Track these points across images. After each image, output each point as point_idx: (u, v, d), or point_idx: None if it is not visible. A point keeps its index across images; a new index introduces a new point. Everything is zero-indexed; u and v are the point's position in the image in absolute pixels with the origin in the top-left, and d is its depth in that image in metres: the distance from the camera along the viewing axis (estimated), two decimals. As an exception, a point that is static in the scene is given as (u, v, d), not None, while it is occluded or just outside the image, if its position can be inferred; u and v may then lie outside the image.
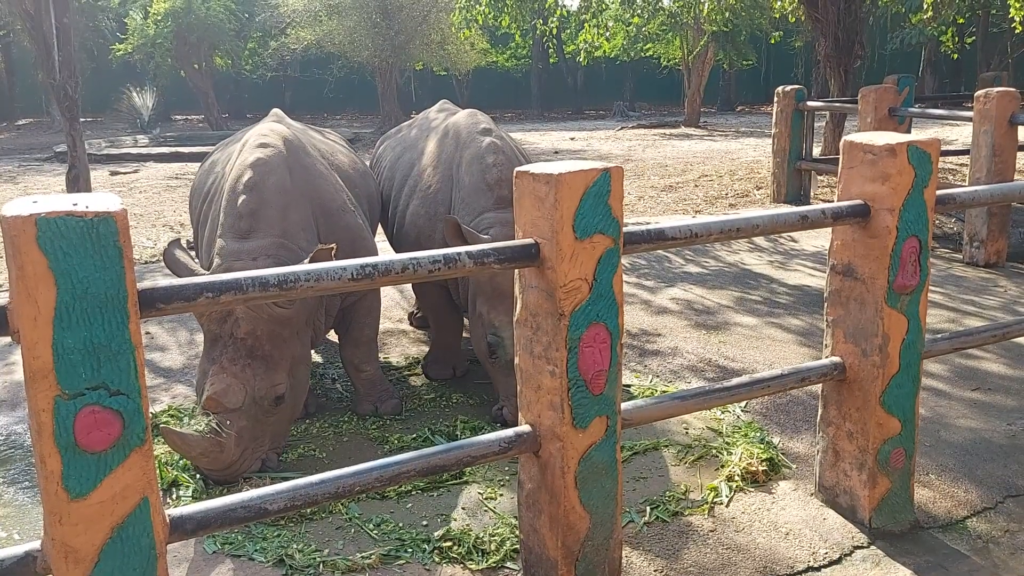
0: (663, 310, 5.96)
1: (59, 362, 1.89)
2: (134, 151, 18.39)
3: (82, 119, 9.79)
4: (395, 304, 6.03)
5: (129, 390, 1.96)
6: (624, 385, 4.61)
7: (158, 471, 3.47)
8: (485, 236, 4.01)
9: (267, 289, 2.16)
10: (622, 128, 21.92)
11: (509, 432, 2.70)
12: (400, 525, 3.30)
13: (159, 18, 22.90)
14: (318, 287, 2.24)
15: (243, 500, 2.28)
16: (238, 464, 3.57)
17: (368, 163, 5.48)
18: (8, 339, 5.10)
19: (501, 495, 3.51)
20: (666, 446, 3.89)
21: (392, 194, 4.91)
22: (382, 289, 6.14)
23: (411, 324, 5.67)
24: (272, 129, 4.27)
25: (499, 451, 2.65)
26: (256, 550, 3.14)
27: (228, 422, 3.51)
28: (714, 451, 3.81)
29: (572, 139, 19.82)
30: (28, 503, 3.55)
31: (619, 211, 2.59)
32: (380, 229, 5.20)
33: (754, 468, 3.58)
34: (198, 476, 3.63)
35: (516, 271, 2.66)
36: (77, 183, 9.38)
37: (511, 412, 3.89)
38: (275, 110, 4.91)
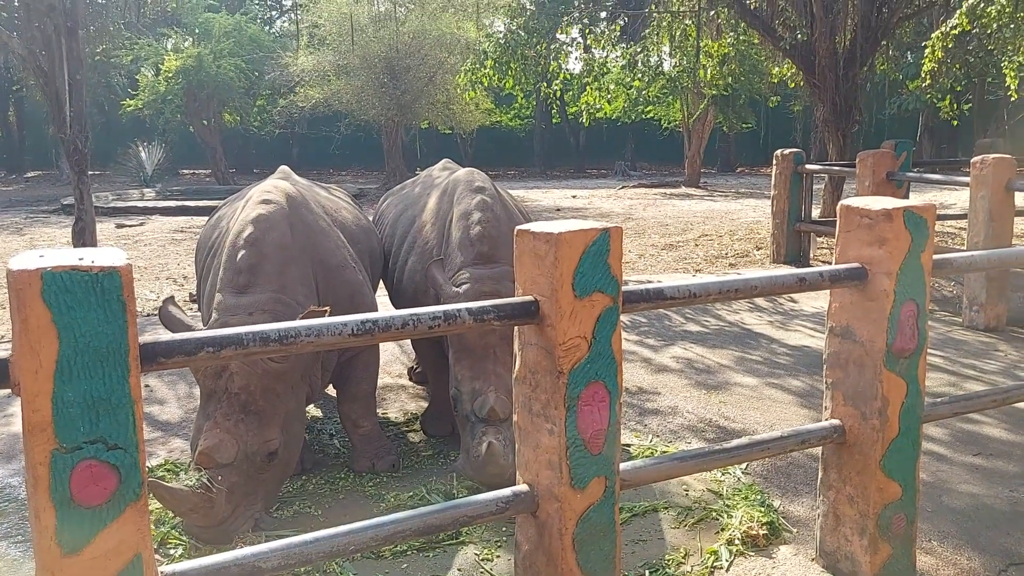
0: (663, 368, 5.95)
1: (58, 416, 1.90)
2: (140, 204, 18.57)
3: (90, 172, 9.91)
4: (395, 359, 6.03)
5: (127, 444, 1.96)
6: (623, 445, 4.57)
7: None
8: (456, 289, 4.13)
9: (268, 344, 2.17)
10: (623, 187, 22.16)
11: (507, 492, 2.68)
12: (395, 586, 3.26)
13: (170, 75, 23.35)
14: (319, 342, 2.25)
15: (236, 558, 2.26)
16: (229, 522, 3.53)
17: (372, 218, 5.55)
18: (4, 391, 5.06)
19: (498, 556, 3.47)
20: (666, 508, 3.85)
21: (393, 249, 4.97)
22: (382, 344, 6.14)
23: (410, 379, 5.66)
24: (276, 186, 4.34)
25: (496, 511, 2.63)
26: (248, 610, 3.08)
27: (220, 477, 3.48)
28: (714, 514, 3.77)
29: (574, 197, 20.02)
30: (21, 557, 3.51)
31: (618, 270, 2.61)
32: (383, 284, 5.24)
33: (754, 532, 3.54)
34: (189, 537, 3.59)
35: (516, 328, 2.68)
36: (83, 236, 9.46)
37: (462, 464, 4.01)
38: (283, 167, 5.00)
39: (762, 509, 3.73)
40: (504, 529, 3.62)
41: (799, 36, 11.33)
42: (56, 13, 9.12)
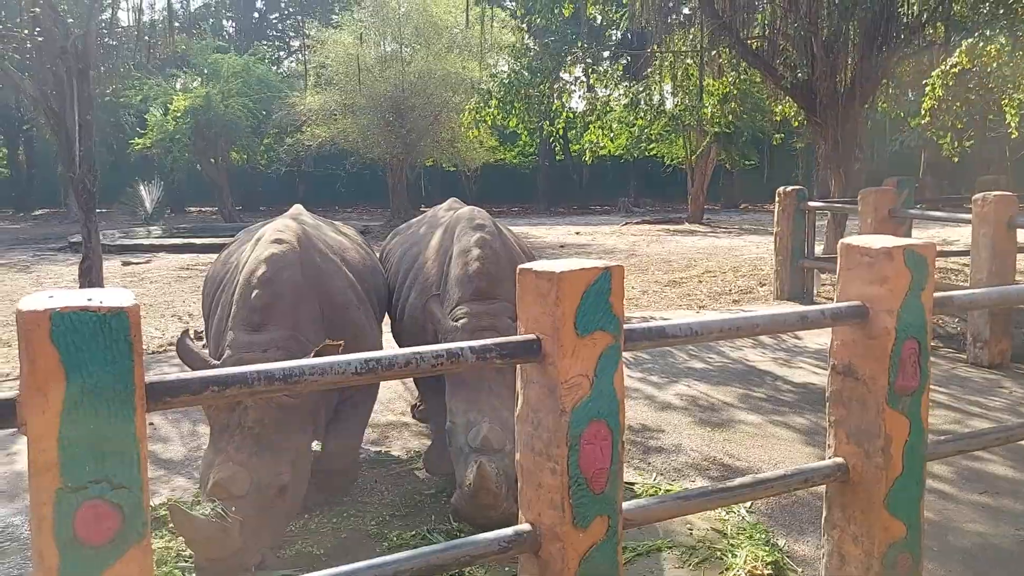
0: (667, 406, 5.94)
1: (64, 455, 1.91)
2: (147, 242, 18.70)
3: (97, 210, 10.00)
4: (398, 396, 6.03)
5: (132, 484, 1.97)
6: (627, 483, 4.56)
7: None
8: (454, 324, 4.18)
9: (272, 383, 2.19)
10: (626, 224, 22.26)
11: (509, 531, 2.67)
12: (397, 626, 3.23)
13: (179, 114, 23.65)
14: (323, 381, 2.27)
15: (239, 598, 2.26)
16: (240, 555, 3.52)
17: (378, 255, 5.61)
18: (11, 430, 5.07)
19: (501, 596, 3.45)
20: (670, 547, 3.83)
21: (396, 286, 5.02)
22: (388, 383, 6.15)
23: (413, 416, 5.67)
24: (287, 225, 4.41)
25: (499, 550, 2.62)
26: (249, 651, 3.07)
27: (233, 509, 3.48)
28: (718, 553, 3.75)
29: (577, 233, 20.11)
30: (20, 598, 3.49)
31: (620, 309, 2.63)
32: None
33: (759, 571, 3.52)
34: (191, 575, 3.58)
35: (518, 367, 2.70)
36: (90, 274, 9.52)
37: (456, 499, 3.99)
38: (297, 205, 5.11)
39: (767, 548, 3.71)
40: (507, 568, 3.60)
41: (799, 75, 11.47)
42: (68, 56, 9.27)
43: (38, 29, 9.82)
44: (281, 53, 35.75)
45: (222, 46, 27.46)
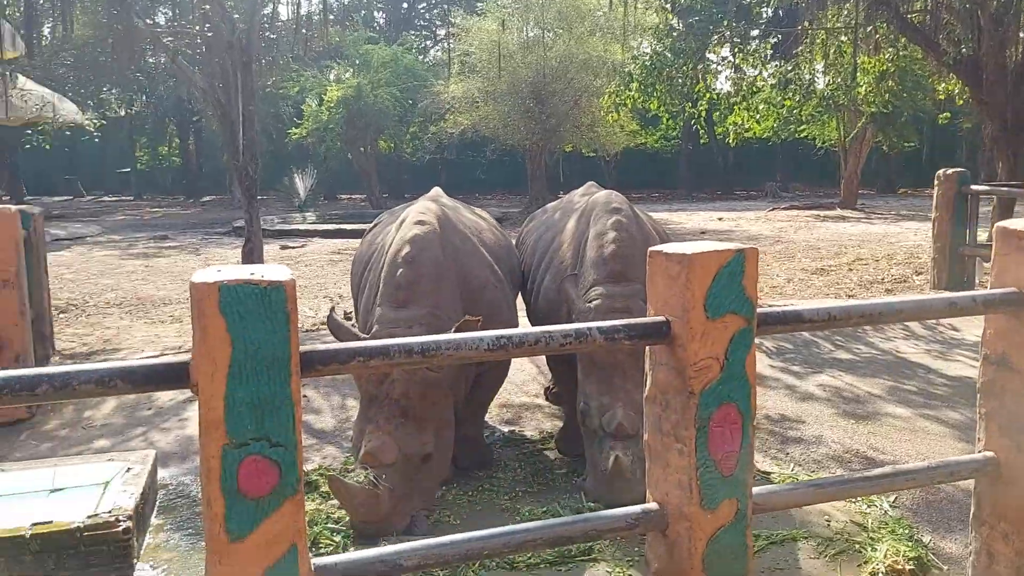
0: (808, 396, 5.77)
1: (229, 414, 2.12)
2: (303, 227, 19.75)
3: (258, 197, 10.68)
4: (532, 379, 6.16)
5: (287, 443, 2.16)
6: (763, 472, 4.49)
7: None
8: (588, 305, 4.23)
9: (411, 355, 2.33)
10: (773, 209, 21.52)
11: (636, 509, 2.72)
12: (528, 596, 3.35)
13: (332, 105, 24.76)
14: (457, 355, 2.39)
15: (381, 555, 2.43)
16: (390, 518, 3.75)
17: (515, 240, 5.74)
18: (181, 396, 5.53)
19: (629, 575, 3.50)
20: (805, 538, 3.75)
21: (532, 270, 5.12)
22: (521, 365, 6.30)
23: (547, 399, 5.77)
24: (429, 208, 4.61)
25: (625, 526, 2.68)
26: (390, 608, 3.27)
27: (384, 477, 3.72)
28: (857, 546, 3.64)
29: (720, 219, 19.64)
30: (189, 549, 3.85)
31: (753, 292, 2.62)
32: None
33: (900, 566, 3.40)
34: (339, 535, 3.83)
35: (647, 348, 2.73)
36: (252, 255, 10.20)
37: (588, 479, 4.08)
38: (435, 188, 5.30)
39: (909, 543, 3.57)
40: (636, 549, 3.64)
41: (964, 50, 10.72)
42: (234, 49, 9.94)
43: (208, 25, 10.58)
44: (428, 42, 36.68)
45: (373, 37, 28.47)
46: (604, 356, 4.11)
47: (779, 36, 14.38)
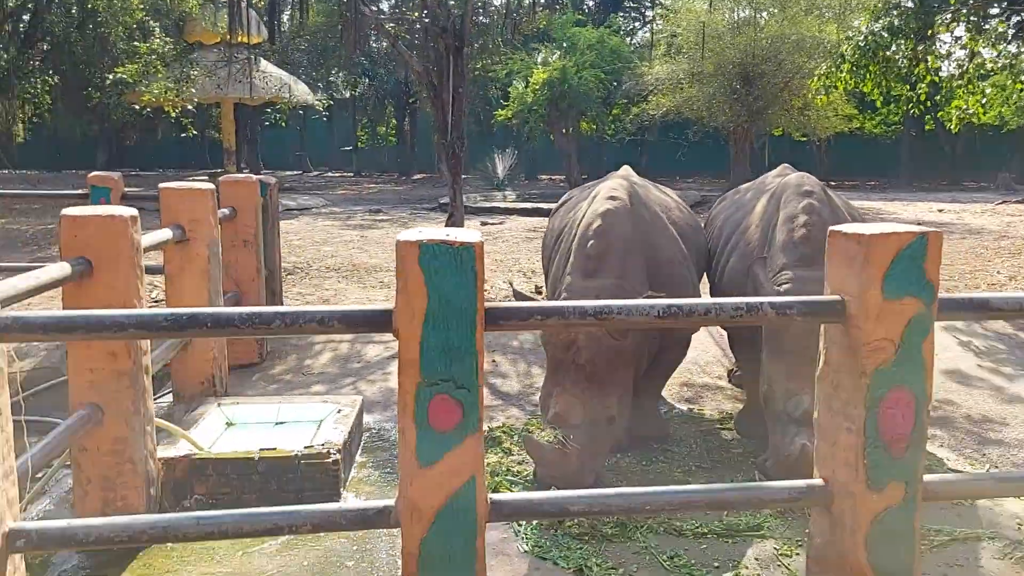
0: (1015, 399, 5.40)
1: (423, 356, 2.42)
2: (501, 205, 20.49)
3: (463, 176, 11.28)
4: (716, 360, 6.18)
5: (470, 386, 2.43)
6: (953, 470, 4.30)
7: (486, 479, 4.01)
8: (777, 288, 4.21)
9: (585, 317, 2.53)
10: (1003, 202, 19.66)
11: (801, 483, 2.77)
12: (692, 562, 3.47)
13: (537, 87, 25.35)
14: (629, 321, 2.56)
15: (550, 498, 2.66)
16: (577, 475, 3.99)
17: (704, 221, 5.77)
18: (386, 353, 6.06)
19: (796, 554, 3.52)
20: (991, 538, 3.59)
21: (718, 250, 5.15)
22: (706, 346, 6.33)
23: (729, 381, 5.78)
24: (620, 184, 4.78)
25: (788, 498, 2.74)
26: (560, 556, 3.52)
27: (571, 436, 3.97)
28: (1050, 554, 3.44)
29: (940, 211, 18.23)
30: (386, 484, 4.29)
31: (934, 276, 2.57)
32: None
33: (1097, 579, 3.19)
34: (517, 487, 4.11)
35: (822, 327, 2.76)
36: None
37: (769, 461, 4.10)
38: (625, 166, 5.46)
39: (1111, 558, 3.33)
40: (806, 529, 3.65)
41: None
42: (448, 34, 10.53)
43: (426, 11, 11.25)
44: (636, 24, 36.48)
45: (581, 19, 28.76)
46: (793, 342, 4.09)
47: (1021, 15, 13.09)
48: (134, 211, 3.63)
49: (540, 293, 5.91)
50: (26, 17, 18.71)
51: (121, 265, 3.48)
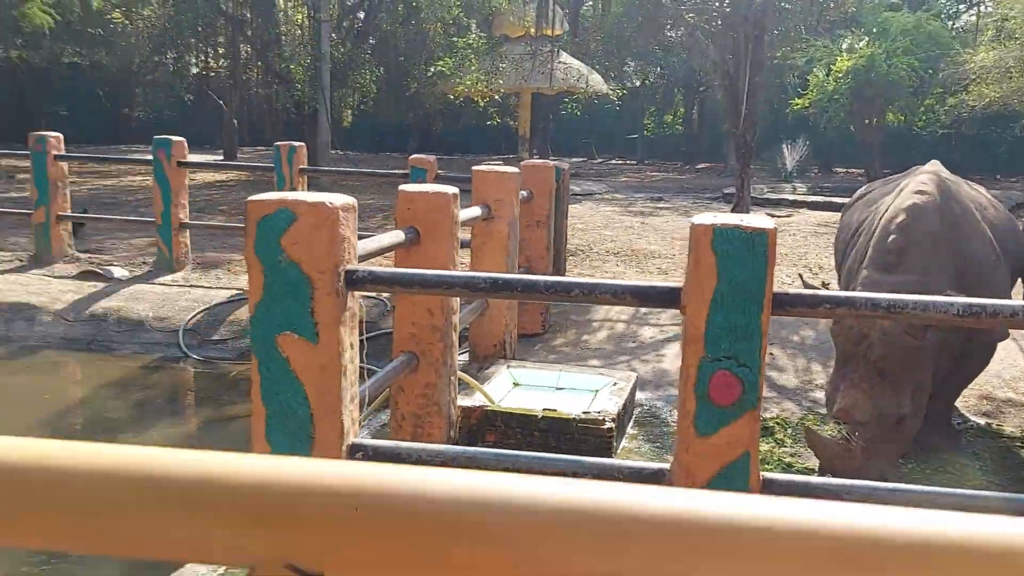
0: None
1: (708, 333, 2.58)
2: (790, 197, 19.66)
3: (752, 166, 11.08)
4: (1023, 376, 5.63)
5: (752, 365, 2.56)
6: None
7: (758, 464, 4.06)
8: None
9: (876, 309, 2.53)
10: None
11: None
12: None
13: (840, 75, 23.93)
14: (923, 316, 2.52)
15: (824, 483, 2.72)
16: (859, 472, 3.91)
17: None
18: (660, 336, 6.27)
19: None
20: None
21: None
22: (1014, 359, 5.80)
23: (1041, 400, 5.27)
24: (930, 178, 4.56)
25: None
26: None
27: (856, 433, 3.89)
28: None
29: None
30: (653, 456, 4.49)
31: None
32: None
33: None
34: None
35: None
36: (738, 220, 10.69)
37: None
38: (933, 161, 5.17)
39: None
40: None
41: None
42: (747, 23, 10.40)
43: (727, 0, 11.17)
44: (961, 6, 33.00)
45: (894, 3, 26.64)
46: None
47: None
48: (455, 189, 4.13)
49: (828, 288, 5.76)
50: (361, 15, 21.13)
51: (443, 236, 3.98)
